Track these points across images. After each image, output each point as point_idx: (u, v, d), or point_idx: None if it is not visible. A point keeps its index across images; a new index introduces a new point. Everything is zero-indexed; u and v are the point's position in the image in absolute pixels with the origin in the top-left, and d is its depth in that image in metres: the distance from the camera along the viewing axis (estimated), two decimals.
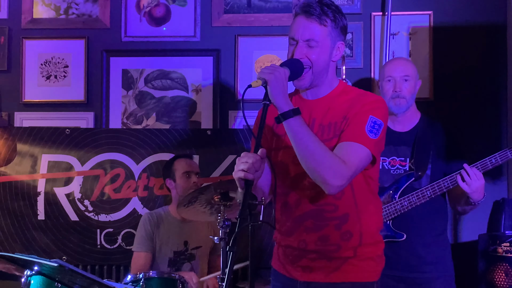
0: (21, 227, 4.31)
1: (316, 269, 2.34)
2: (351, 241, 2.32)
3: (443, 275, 3.15)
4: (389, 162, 3.16)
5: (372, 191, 2.41)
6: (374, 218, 2.41)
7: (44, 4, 4.48)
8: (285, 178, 2.38)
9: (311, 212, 2.33)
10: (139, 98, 4.43)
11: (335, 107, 2.35)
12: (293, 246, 2.38)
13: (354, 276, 2.32)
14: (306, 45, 2.31)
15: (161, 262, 3.80)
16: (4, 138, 4.35)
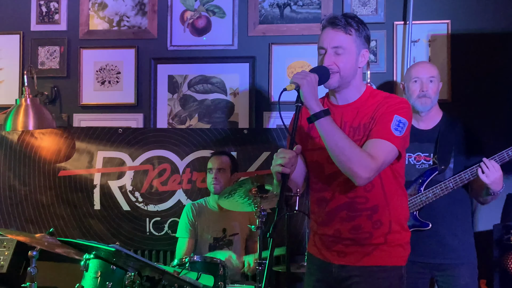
0: (79, 216, 4.37)
1: (349, 254, 2.36)
2: (382, 229, 2.33)
3: (466, 261, 3.12)
4: (415, 157, 3.15)
5: (399, 184, 2.42)
6: (401, 209, 2.42)
7: (99, 17, 4.54)
8: (320, 175, 2.40)
9: (344, 205, 2.35)
10: (183, 101, 4.46)
11: (363, 110, 2.36)
12: (328, 234, 2.40)
13: (384, 261, 2.34)
14: (334, 53, 2.32)
15: (203, 247, 3.84)
16: (64, 137, 4.40)
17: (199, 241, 3.87)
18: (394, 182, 2.38)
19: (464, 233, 3.17)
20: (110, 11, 4.53)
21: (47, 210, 4.39)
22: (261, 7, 4.38)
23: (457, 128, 3.20)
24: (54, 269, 4.33)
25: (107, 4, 4.53)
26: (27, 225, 4.38)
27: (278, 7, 4.36)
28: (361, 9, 4.25)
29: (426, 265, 3.09)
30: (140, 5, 4.50)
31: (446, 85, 4.12)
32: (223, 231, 3.84)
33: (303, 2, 4.34)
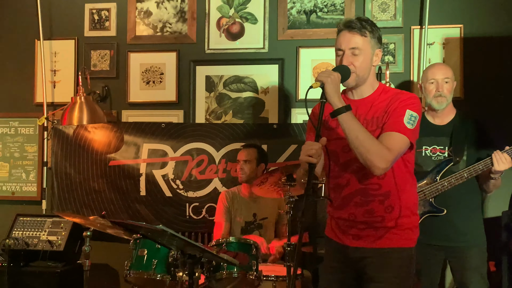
0: (127, 201, 4.42)
1: (363, 237, 2.35)
2: (393, 214, 2.32)
3: (476, 244, 3.10)
4: (431, 150, 3.13)
5: (409, 172, 2.41)
6: (411, 195, 2.41)
7: (144, 24, 4.57)
8: (336, 163, 2.40)
9: (359, 190, 2.35)
10: (219, 98, 4.47)
11: (376, 104, 2.36)
12: (344, 218, 2.39)
13: (395, 243, 2.33)
14: (351, 54, 2.33)
15: (236, 230, 3.85)
16: (114, 131, 4.45)
17: (233, 224, 3.89)
18: (404, 170, 2.37)
19: (475, 219, 3.15)
20: (154, 18, 4.56)
21: (99, 196, 4.45)
22: (290, 13, 4.37)
23: (469, 124, 3.18)
24: (105, 248, 4.36)
25: (152, 12, 4.56)
26: (81, 209, 4.44)
27: (305, 13, 4.35)
28: (380, 14, 4.22)
29: (440, 247, 3.08)
30: (181, 12, 4.53)
31: (459, 84, 4.06)
32: (254, 215, 3.85)
33: (327, 9, 4.32)
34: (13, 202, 4.71)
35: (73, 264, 4.10)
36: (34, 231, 4.18)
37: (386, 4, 4.24)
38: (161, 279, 3.08)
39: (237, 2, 4.45)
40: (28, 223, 4.23)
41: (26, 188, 4.73)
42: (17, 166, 4.75)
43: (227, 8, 4.46)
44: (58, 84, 4.70)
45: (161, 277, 3.07)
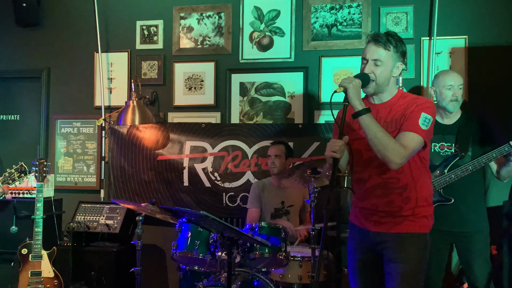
0: (172, 190, 4.46)
1: (384, 223, 2.36)
2: (410, 204, 2.32)
3: (480, 230, 3.09)
4: (439, 146, 3.12)
5: (425, 167, 2.40)
6: (426, 187, 2.40)
7: (187, 38, 4.62)
8: (359, 160, 2.41)
9: (379, 184, 2.36)
10: (251, 102, 4.49)
11: (395, 108, 2.36)
12: (366, 208, 2.41)
13: (411, 229, 2.33)
14: (374, 64, 2.33)
15: (266, 216, 3.86)
16: (161, 130, 4.49)
17: (263, 211, 3.90)
18: (420, 166, 2.37)
19: (479, 208, 3.13)
20: (196, 33, 4.60)
21: (148, 186, 4.49)
22: (313, 27, 4.37)
23: (473, 123, 3.16)
24: (154, 231, 4.43)
25: (193, 27, 4.60)
26: (134, 197, 4.49)
27: (327, 27, 4.35)
28: (394, 27, 4.19)
29: (447, 232, 3.06)
30: (219, 28, 4.57)
31: (464, 88, 3.98)
32: (282, 203, 3.85)
33: (346, 22, 4.31)
34: (76, 191, 4.79)
35: (127, 244, 4.16)
36: (94, 216, 4.26)
37: (398, 18, 4.22)
38: (203, 258, 3.09)
39: (267, 17, 4.47)
40: (89, 209, 4.31)
41: (87, 179, 4.82)
42: (79, 160, 4.85)
43: (258, 23, 4.49)
44: (114, 90, 4.78)
45: (203, 256, 3.08)
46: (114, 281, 4.01)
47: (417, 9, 4.19)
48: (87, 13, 4.76)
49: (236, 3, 4.53)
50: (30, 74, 4.99)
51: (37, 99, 4.98)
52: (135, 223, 3.76)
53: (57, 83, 4.93)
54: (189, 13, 4.61)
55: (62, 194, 4.59)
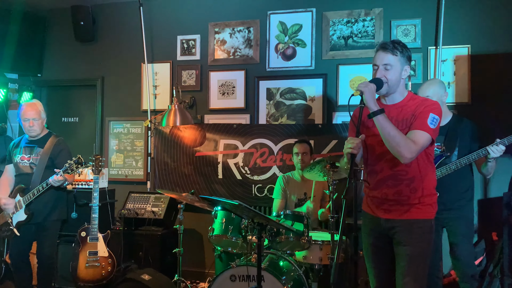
0: (208, 182, 4.48)
1: (393, 211, 2.33)
2: (417, 194, 2.29)
3: (465, 217, 3.04)
4: None
5: (430, 161, 2.36)
6: (431, 179, 2.36)
7: (221, 50, 4.63)
8: (372, 154, 2.37)
9: (390, 176, 2.32)
10: (276, 105, 4.48)
11: (406, 108, 2.32)
12: (378, 197, 2.37)
13: (418, 215, 2.30)
14: (384, 68, 2.29)
15: (291, 205, 3.83)
16: (198, 130, 4.52)
17: (288, 201, 3.87)
18: (426, 160, 2.33)
19: (465, 198, 3.05)
20: (228, 45, 4.61)
21: (188, 178, 4.53)
22: (331, 39, 4.33)
23: (462, 125, 3.08)
24: (194, 217, 4.48)
25: (226, 41, 4.62)
26: (175, 188, 4.53)
27: (344, 38, 4.30)
28: (403, 38, 4.11)
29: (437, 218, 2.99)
30: (248, 41, 4.57)
31: (467, 91, 3.95)
32: (304, 194, 3.83)
33: (361, 34, 4.26)
34: (126, 182, 4.86)
35: (170, 228, 4.20)
36: (141, 204, 4.29)
37: (407, 30, 4.14)
38: (235, 240, 3.13)
39: (291, 31, 4.45)
40: (137, 198, 4.35)
41: (136, 173, 4.89)
42: (129, 156, 4.91)
43: (283, 36, 4.47)
44: (158, 96, 4.82)
45: (236, 239, 3.11)
46: (159, 260, 4.04)
47: (424, 21, 4.10)
48: (135, 30, 4.82)
49: (263, 18, 4.52)
50: (87, 83, 5.09)
51: (93, 103, 5.08)
52: (177, 210, 3.81)
53: (110, 90, 5.02)
54: (223, 28, 4.63)
55: (114, 185, 4.66)
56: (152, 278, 3.29)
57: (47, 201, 3.44)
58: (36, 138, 3.55)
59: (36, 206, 3.39)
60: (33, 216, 3.38)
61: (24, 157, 3.49)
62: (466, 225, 3.05)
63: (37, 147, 3.51)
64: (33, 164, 3.46)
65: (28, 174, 3.44)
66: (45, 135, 3.59)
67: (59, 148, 3.52)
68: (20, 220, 3.37)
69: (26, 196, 3.36)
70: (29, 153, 3.50)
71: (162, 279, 3.39)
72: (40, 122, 3.53)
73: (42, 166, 3.43)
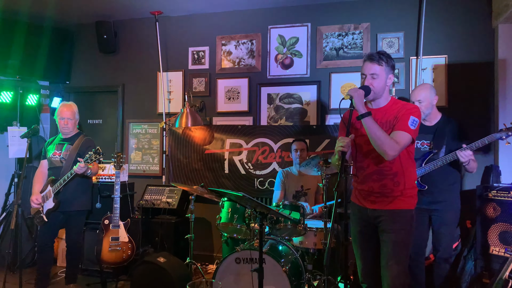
0: (216, 176, 4.47)
1: (378, 202, 2.33)
2: (399, 187, 2.29)
3: (451, 209, 3.00)
4: (420, 143, 3.03)
5: (411, 158, 2.35)
6: (412, 174, 2.35)
7: (227, 60, 4.63)
8: (360, 152, 2.38)
9: (375, 171, 2.32)
10: (276, 108, 4.47)
11: (389, 112, 2.32)
12: (365, 190, 2.37)
13: (400, 206, 2.30)
14: (371, 77, 2.29)
15: (289, 197, 3.83)
16: (207, 130, 4.52)
17: (287, 193, 3.86)
18: (407, 157, 2.33)
19: (452, 191, 3.03)
20: (233, 56, 4.61)
21: (198, 173, 4.53)
22: (324, 50, 4.33)
23: (450, 124, 3.05)
24: (203, 207, 4.48)
25: (232, 52, 4.61)
26: (187, 181, 4.53)
27: (335, 50, 4.30)
28: (388, 49, 4.11)
29: (425, 210, 3.00)
30: (251, 51, 4.57)
31: (444, 96, 3.93)
32: (301, 187, 3.82)
33: (351, 46, 4.25)
34: (144, 177, 4.87)
35: (182, 217, 4.18)
36: (157, 195, 4.30)
37: (392, 42, 4.14)
38: (240, 227, 3.13)
39: (289, 43, 4.44)
40: (154, 190, 4.36)
41: (152, 168, 4.89)
42: (147, 153, 4.92)
43: (282, 47, 4.47)
44: (172, 100, 4.81)
45: (240, 226, 3.11)
46: (173, 245, 4.05)
47: (407, 34, 4.10)
48: (152, 42, 4.82)
49: (265, 32, 4.52)
50: (109, 89, 5.09)
51: (115, 107, 5.08)
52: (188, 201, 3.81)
53: (129, 95, 5.02)
54: (229, 41, 4.63)
55: (134, 179, 4.67)
56: (166, 261, 3.30)
57: (73, 191, 3.45)
58: (68, 137, 3.58)
59: (64, 196, 3.41)
60: (60, 204, 3.39)
61: (56, 152, 3.52)
62: (453, 215, 3.02)
63: (67, 144, 3.53)
64: (63, 158, 3.48)
65: (59, 167, 3.46)
66: (75, 134, 3.61)
67: (87, 145, 3.54)
68: (49, 208, 3.38)
69: (55, 186, 3.38)
70: (60, 149, 3.52)
71: (176, 262, 3.40)
72: (74, 122, 3.57)
73: (71, 160, 3.45)
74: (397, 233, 2.26)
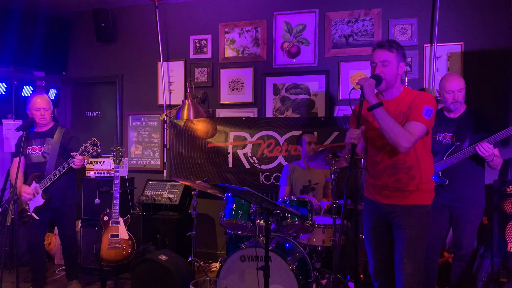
0: (220, 171, 4.47)
1: (393, 197, 2.32)
2: (415, 181, 2.28)
3: (475, 206, 2.96)
4: (442, 136, 2.99)
5: (427, 151, 2.34)
6: (428, 167, 2.34)
7: (230, 49, 4.61)
8: (373, 146, 2.37)
9: (389, 165, 2.31)
10: (282, 99, 4.46)
11: (402, 103, 2.31)
12: (379, 184, 2.36)
13: (416, 201, 2.29)
14: (382, 65, 2.28)
15: (296, 192, 3.83)
16: (210, 123, 4.50)
17: (294, 188, 3.85)
18: (423, 150, 2.31)
19: (476, 187, 2.97)
20: (237, 44, 4.59)
21: (201, 167, 4.52)
22: (333, 37, 4.29)
23: (475, 116, 2.99)
24: (206, 203, 4.49)
25: (235, 40, 4.59)
26: (189, 176, 4.53)
27: (345, 37, 4.26)
28: (401, 36, 4.07)
29: (446, 206, 2.96)
30: (256, 40, 4.54)
31: None
32: (309, 181, 3.82)
33: (361, 33, 4.21)
34: (144, 171, 4.88)
35: (185, 213, 4.19)
36: (158, 191, 4.32)
37: (404, 28, 4.09)
38: (245, 224, 3.11)
39: (295, 30, 4.41)
40: (155, 186, 4.38)
41: (153, 162, 4.90)
42: (147, 147, 4.93)
43: (288, 35, 4.44)
44: (173, 91, 4.81)
45: (245, 223, 3.09)
46: (175, 242, 4.07)
47: (420, 20, 4.05)
48: (151, 30, 4.81)
49: (270, 19, 4.49)
50: (107, 80, 5.09)
51: (113, 99, 5.09)
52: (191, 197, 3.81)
53: (128, 86, 5.02)
54: (232, 28, 4.60)
55: (134, 174, 4.68)
56: (168, 259, 3.31)
57: (61, 186, 3.46)
58: (45, 129, 3.56)
59: (52, 191, 3.42)
60: (50, 200, 3.40)
61: (35, 147, 3.51)
62: (477, 212, 2.97)
63: (47, 138, 3.53)
64: (46, 153, 3.49)
65: (41, 163, 3.47)
66: (52, 127, 3.61)
67: (69, 136, 3.54)
68: (38, 205, 3.40)
69: (43, 182, 3.38)
70: (41, 144, 3.52)
71: (178, 259, 3.41)
72: (50, 112, 3.57)
73: (54, 154, 3.46)
74: (413, 229, 2.25)
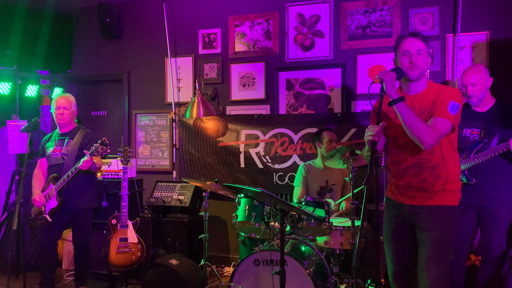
0: (231, 171, 4.46)
1: (417, 197, 2.28)
2: (440, 181, 2.23)
3: (504, 206, 2.89)
4: (470, 132, 2.93)
5: (453, 149, 2.29)
6: (455, 166, 2.29)
7: (241, 43, 4.61)
8: (396, 144, 2.33)
9: (413, 164, 2.27)
10: (296, 95, 4.43)
11: (427, 98, 2.27)
12: (402, 185, 2.33)
13: (441, 202, 2.24)
14: (417, 53, 2.24)
15: (313, 193, 3.78)
16: (221, 121, 4.51)
17: (310, 189, 3.82)
18: (449, 148, 2.26)
19: (505, 186, 2.90)
20: (248, 38, 4.58)
21: (211, 168, 4.52)
22: (349, 29, 4.25)
23: (505, 111, 2.91)
24: (218, 204, 4.49)
25: (246, 34, 4.59)
26: (200, 177, 4.54)
27: (361, 28, 4.22)
28: (421, 26, 4.01)
29: (473, 206, 2.91)
30: (267, 33, 4.53)
31: None
32: (326, 182, 3.75)
33: (379, 24, 4.16)
34: (153, 172, 4.90)
35: (196, 215, 4.21)
36: (168, 192, 4.33)
37: (425, 18, 4.03)
38: (259, 226, 3.12)
39: (309, 22, 4.38)
40: (164, 187, 4.39)
41: (162, 163, 4.92)
42: (155, 147, 4.95)
43: (301, 27, 4.41)
44: (182, 89, 4.83)
45: (259, 225, 3.10)
46: (186, 246, 4.07)
47: (442, 9, 3.98)
48: (158, 25, 4.83)
49: (282, 11, 4.47)
50: (114, 77, 5.14)
51: (120, 97, 5.12)
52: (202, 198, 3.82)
53: (135, 84, 5.05)
54: (242, 21, 4.59)
55: (142, 175, 4.71)
56: (179, 263, 3.32)
57: (77, 188, 3.48)
58: (66, 131, 3.61)
59: (67, 193, 3.45)
60: (64, 202, 3.43)
61: (56, 149, 3.56)
62: (507, 213, 2.91)
63: (67, 139, 3.57)
64: (64, 154, 3.53)
65: (60, 164, 3.51)
66: (74, 128, 3.64)
67: (88, 138, 3.57)
68: (53, 207, 3.43)
69: (58, 183, 3.42)
70: (61, 145, 3.56)
71: (189, 264, 3.42)
72: (70, 112, 3.58)
73: (72, 155, 3.49)
74: (438, 231, 2.21)
